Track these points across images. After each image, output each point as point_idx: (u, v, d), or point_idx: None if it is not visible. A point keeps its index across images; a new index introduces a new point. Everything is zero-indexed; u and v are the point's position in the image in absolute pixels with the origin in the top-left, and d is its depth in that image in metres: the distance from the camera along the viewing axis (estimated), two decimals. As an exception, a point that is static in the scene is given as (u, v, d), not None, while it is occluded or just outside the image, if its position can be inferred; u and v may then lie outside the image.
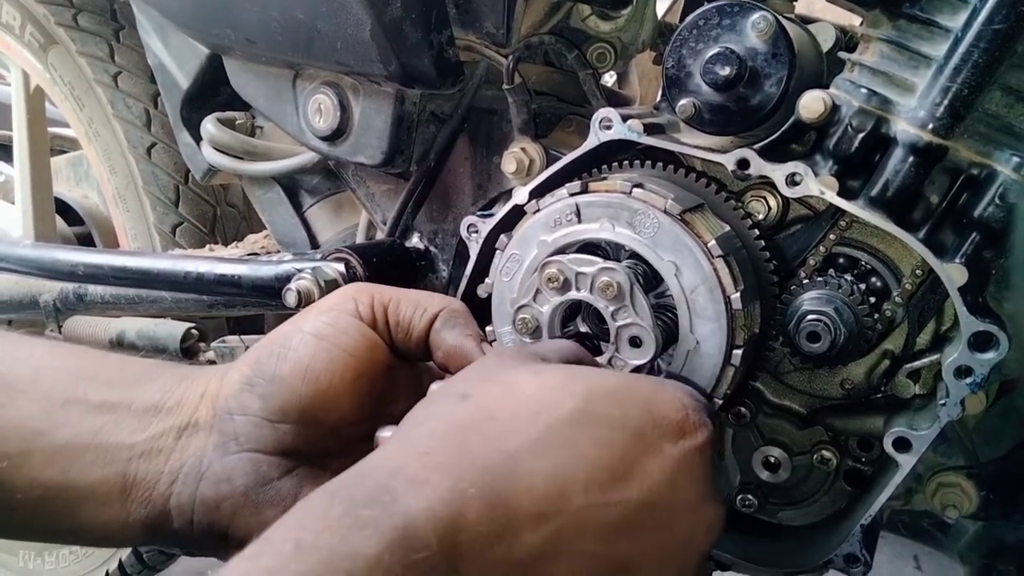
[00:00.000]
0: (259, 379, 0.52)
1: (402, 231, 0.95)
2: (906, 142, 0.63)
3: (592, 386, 0.48)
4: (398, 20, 0.76)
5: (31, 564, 1.59)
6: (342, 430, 0.54)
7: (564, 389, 0.47)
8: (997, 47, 0.59)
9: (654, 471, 0.46)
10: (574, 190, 0.69)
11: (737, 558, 0.74)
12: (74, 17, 1.38)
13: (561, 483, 0.43)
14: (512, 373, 0.49)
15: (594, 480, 0.44)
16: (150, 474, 0.50)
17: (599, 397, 0.47)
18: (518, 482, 0.42)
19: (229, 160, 1.05)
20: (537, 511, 0.42)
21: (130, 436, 0.50)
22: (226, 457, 0.50)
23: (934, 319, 0.70)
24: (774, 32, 0.64)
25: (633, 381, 0.51)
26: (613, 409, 0.47)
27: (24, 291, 1.23)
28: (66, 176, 1.68)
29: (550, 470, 0.43)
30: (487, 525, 0.41)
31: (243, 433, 0.51)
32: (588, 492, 0.43)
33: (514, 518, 0.42)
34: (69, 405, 0.50)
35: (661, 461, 0.46)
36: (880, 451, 0.69)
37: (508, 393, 0.48)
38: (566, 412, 0.46)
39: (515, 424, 0.45)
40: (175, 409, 0.52)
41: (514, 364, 0.51)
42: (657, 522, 0.46)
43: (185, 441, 0.51)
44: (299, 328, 0.53)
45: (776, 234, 0.73)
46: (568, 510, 0.43)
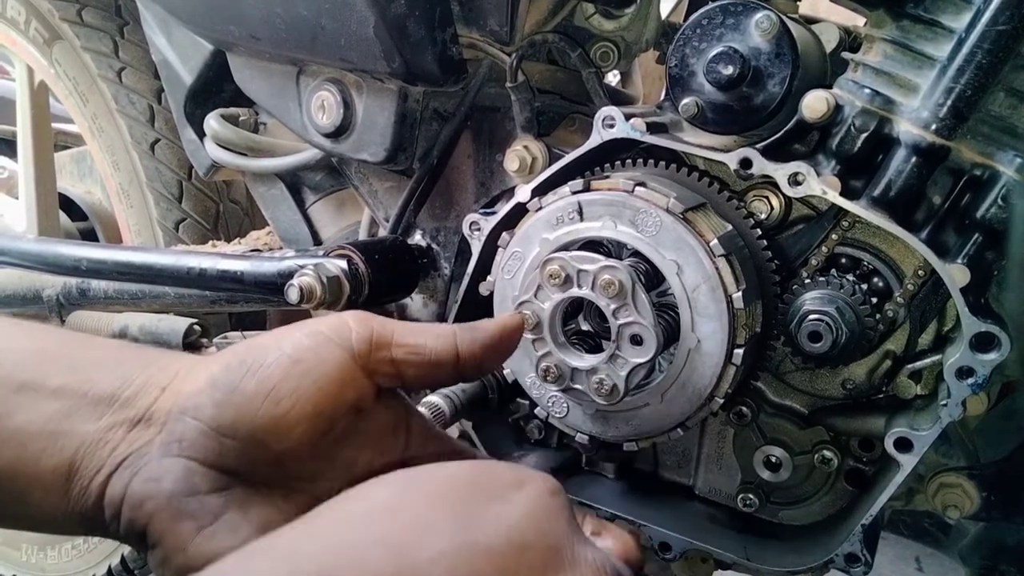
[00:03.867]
0: (221, 387, 0.50)
1: (404, 228, 0.95)
2: (909, 142, 0.63)
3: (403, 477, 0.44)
4: (402, 17, 0.76)
5: (33, 558, 1.60)
6: (287, 462, 0.51)
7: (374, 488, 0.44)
8: (1000, 48, 0.59)
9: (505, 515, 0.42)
10: (576, 188, 0.69)
11: (738, 557, 0.74)
12: (79, 13, 1.39)
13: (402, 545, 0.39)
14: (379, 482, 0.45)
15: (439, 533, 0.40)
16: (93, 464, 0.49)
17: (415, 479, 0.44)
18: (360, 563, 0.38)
19: (232, 156, 1.06)
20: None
21: (82, 425, 0.49)
22: (164, 458, 0.49)
23: (936, 320, 0.70)
24: (777, 32, 0.64)
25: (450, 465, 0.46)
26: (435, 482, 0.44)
27: (27, 285, 1.23)
28: (70, 171, 1.68)
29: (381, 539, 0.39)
30: None
31: (188, 438, 0.49)
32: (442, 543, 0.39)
33: None
34: (25, 390, 0.49)
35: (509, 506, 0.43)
36: (881, 451, 0.69)
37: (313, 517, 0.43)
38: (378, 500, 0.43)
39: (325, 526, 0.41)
40: (131, 400, 0.50)
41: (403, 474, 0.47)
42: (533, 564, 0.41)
43: (135, 435, 0.49)
44: (278, 346, 0.51)
45: (778, 234, 0.73)
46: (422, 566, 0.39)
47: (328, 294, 0.80)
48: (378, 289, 0.86)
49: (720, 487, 0.81)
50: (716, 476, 0.81)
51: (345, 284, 0.82)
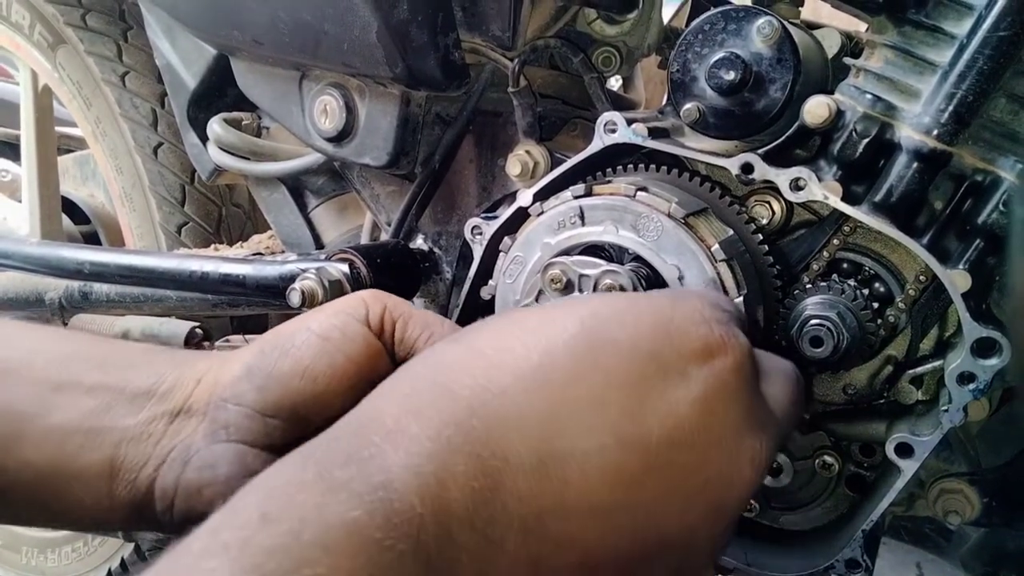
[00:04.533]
0: (258, 371, 0.51)
1: (406, 232, 0.95)
2: (910, 148, 0.63)
3: (595, 308, 0.41)
4: (405, 22, 0.76)
5: (34, 561, 1.60)
6: None
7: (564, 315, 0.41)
8: (1002, 54, 0.59)
9: (680, 400, 0.38)
10: (578, 193, 0.69)
11: (738, 562, 0.74)
12: (82, 17, 1.39)
13: (560, 424, 0.37)
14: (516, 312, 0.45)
15: (601, 420, 0.37)
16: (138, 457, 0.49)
17: (604, 319, 0.40)
18: (509, 425, 0.37)
19: (235, 160, 1.06)
20: (535, 459, 0.36)
21: (122, 420, 0.50)
22: (214, 445, 0.50)
23: (937, 325, 0.70)
24: (779, 37, 0.64)
25: (644, 298, 0.43)
26: (621, 331, 0.40)
27: (30, 288, 1.24)
28: (73, 175, 1.69)
29: (546, 409, 0.37)
30: (479, 479, 0.35)
31: (234, 423, 0.50)
32: (595, 433, 0.37)
33: (506, 470, 0.36)
34: (62, 388, 0.50)
35: (688, 387, 0.39)
36: (882, 456, 0.69)
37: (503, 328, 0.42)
38: (565, 339, 0.39)
39: (507, 357, 0.39)
40: (168, 394, 0.51)
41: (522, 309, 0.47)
42: (688, 464, 0.38)
43: (177, 426, 0.50)
44: (306, 326, 0.52)
45: (780, 239, 0.73)
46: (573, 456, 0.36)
47: (330, 298, 0.81)
48: (380, 293, 0.86)
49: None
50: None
51: (347, 288, 0.82)
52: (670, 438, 0.38)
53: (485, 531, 0.35)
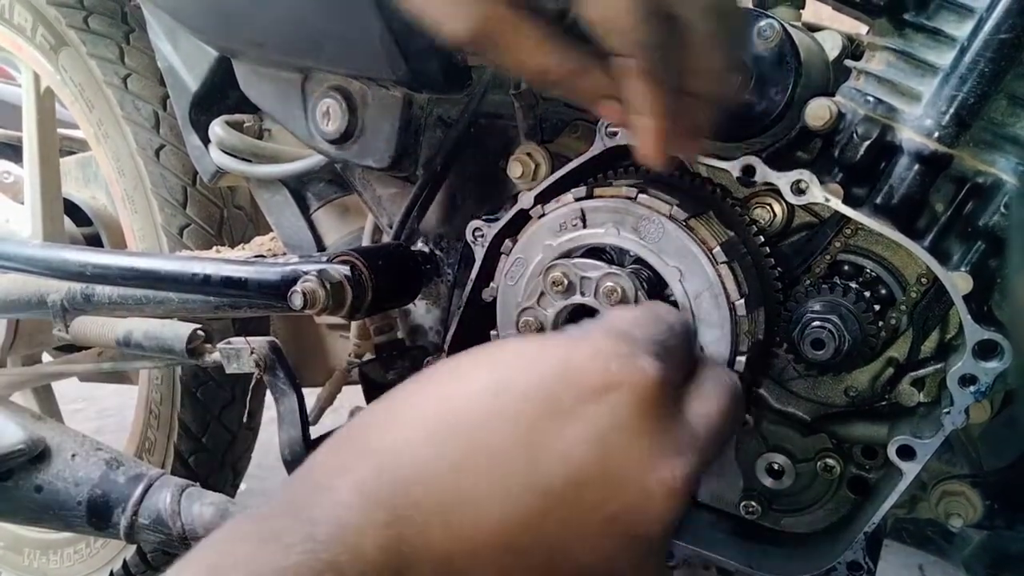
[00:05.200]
0: None
1: (408, 234, 0.95)
2: (912, 150, 0.63)
3: (501, 357, 0.43)
4: (407, 25, 0.76)
5: (36, 562, 1.60)
6: None
7: (473, 367, 0.43)
8: (1003, 56, 0.59)
9: (574, 441, 0.39)
10: (579, 195, 0.69)
11: (740, 565, 0.74)
12: (85, 19, 1.39)
13: (464, 472, 0.38)
14: (444, 363, 0.45)
15: (501, 466, 0.39)
16: None
17: (507, 367, 0.42)
18: (418, 476, 0.38)
19: (237, 163, 1.06)
20: (442, 507, 0.38)
21: None
22: None
23: (939, 327, 0.70)
24: (780, 40, 0.64)
25: (547, 343, 0.44)
26: (521, 377, 0.41)
27: (32, 291, 1.24)
28: (75, 177, 1.69)
29: (451, 458, 0.39)
30: (392, 528, 0.37)
31: None
32: (496, 481, 0.38)
33: (416, 518, 0.38)
34: None
35: (580, 427, 0.39)
36: (884, 459, 0.69)
37: (420, 384, 0.44)
38: (469, 391, 0.41)
39: (416, 412, 0.41)
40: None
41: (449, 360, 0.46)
42: (591, 501, 0.39)
43: None
44: None
45: (781, 241, 0.73)
46: (477, 507, 0.38)
47: (331, 300, 0.81)
48: (381, 295, 0.86)
49: (722, 494, 0.81)
50: (718, 483, 0.81)
51: (348, 290, 0.82)
52: (567, 478, 0.39)
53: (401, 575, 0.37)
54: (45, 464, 1.01)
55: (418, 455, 0.39)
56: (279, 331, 1.44)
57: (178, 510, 0.95)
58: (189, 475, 1.35)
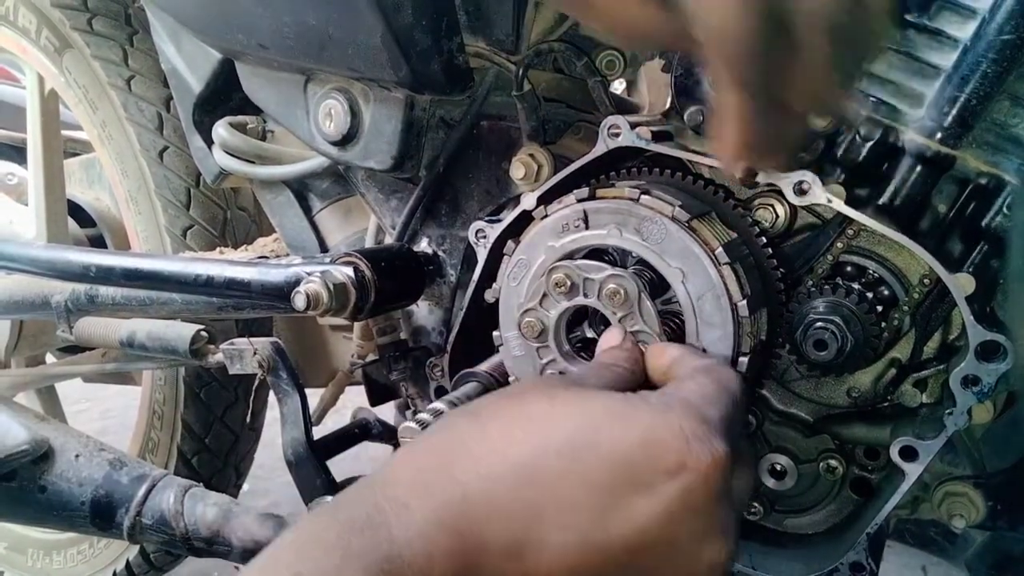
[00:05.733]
0: None
1: (411, 236, 0.95)
2: (914, 151, 0.63)
3: (592, 412, 0.45)
4: (409, 26, 0.77)
5: (39, 563, 1.60)
6: None
7: (565, 413, 0.45)
8: (1006, 58, 0.59)
9: (643, 512, 0.42)
10: (582, 196, 0.69)
11: (743, 565, 0.74)
12: (89, 22, 1.40)
13: (538, 517, 0.42)
14: (530, 393, 0.47)
15: (572, 519, 0.42)
16: None
17: (595, 425, 0.45)
18: (495, 511, 0.42)
19: (240, 164, 1.06)
20: (512, 545, 0.41)
21: None
22: None
23: (941, 328, 0.70)
24: (782, 41, 0.64)
25: (634, 410, 0.46)
26: (608, 440, 0.44)
27: (36, 292, 1.24)
28: (79, 178, 1.70)
29: (529, 501, 0.42)
30: (460, 557, 0.41)
31: None
32: (565, 531, 0.42)
33: (486, 552, 0.41)
34: None
35: (653, 500, 0.43)
36: (886, 460, 0.69)
37: (512, 411, 0.46)
38: (557, 439, 0.44)
39: (505, 447, 0.44)
40: None
41: (540, 384, 0.49)
42: (647, 567, 0.43)
43: None
44: None
45: (783, 242, 0.73)
46: (541, 550, 0.41)
47: (335, 301, 0.81)
48: (384, 296, 0.86)
49: (725, 495, 0.81)
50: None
51: (351, 291, 0.82)
52: (630, 543, 0.42)
53: None
54: (49, 464, 1.01)
55: (498, 494, 0.42)
56: (282, 332, 1.45)
57: (181, 510, 0.95)
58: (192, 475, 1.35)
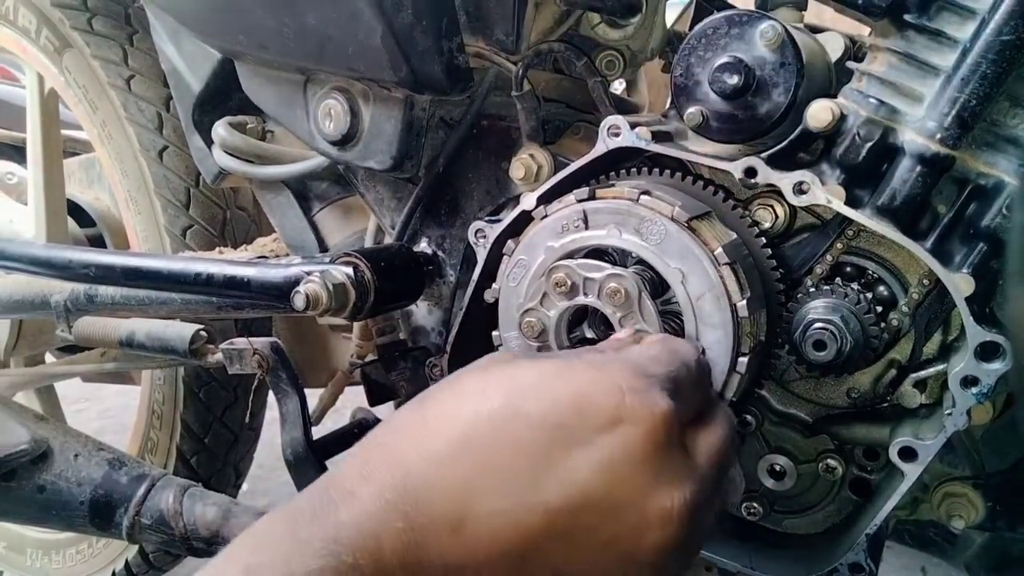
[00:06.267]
0: None
1: (410, 236, 0.95)
2: (914, 152, 0.63)
3: (519, 380, 0.46)
4: (409, 27, 0.77)
5: (38, 563, 1.60)
6: None
7: (493, 387, 0.46)
8: (1005, 59, 0.59)
9: (580, 470, 0.43)
10: (582, 196, 0.69)
11: (742, 566, 0.74)
12: (89, 21, 1.40)
13: (476, 488, 0.42)
14: (467, 373, 0.48)
15: (509, 483, 0.42)
16: None
17: (524, 391, 0.45)
18: (435, 488, 0.43)
19: (240, 164, 1.06)
20: (454, 519, 0.42)
21: None
22: None
23: (941, 329, 0.70)
24: (782, 42, 0.64)
25: (567, 370, 0.47)
26: (536, 404, 0.44)
27: (36, 291, 1.24)
28: (79, 178, 1.69)
29: (466, 474, 0.43)
30: (407, 535, 0.42)
31: None
32: (502, 499, 0.42)
33: (430, 527, 0.42)
34: None
35: (590, 457, 0.43)
36: (886, 460, 0.69)
37: (449, 394, 0.47)
38: (488, 410, 0.45)
39: (440, 426, 0.45)
40: None
41: (481, 363, 0.50)
42: (591, 523, 0.43)
43: None
44: None
45: (783, 242, 0.73)
46: (480, 520, 0.42)
47: (334, 301, 0.81)
48: (384, 296, 0.86)
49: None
50: (720, 484, 0.81)
51: (351, 291, 0.82)
52: (570, 502, 0.42)
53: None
54: (48, 464, 1.01)
55: (435, 470, 0.43)
56: (281, 332, 1.45)
57: (180, 510, 0.95)
58: (191, 475, 1.35)
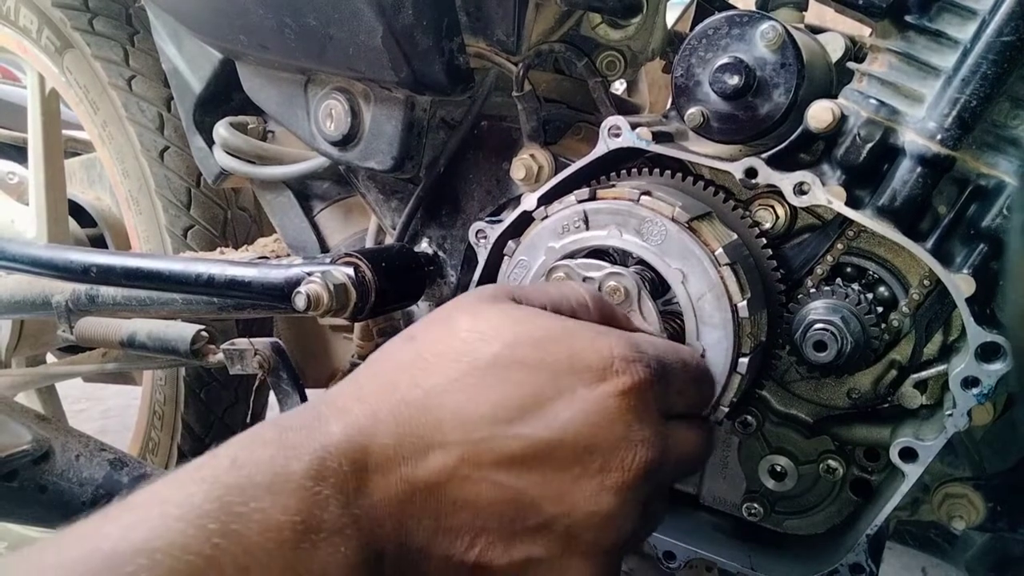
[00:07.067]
0: None
1: (411, 236, 0.95)
2: (914, 153, 0.63)
3: (519, 333, 0.51)
4: (410, 27, 0.77)
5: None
6: None
7: (492, 334, 0.50)
8: (1006, 59, 0.59)
9: (562, 411, 0.48)
10: (582, 197, 0.69)
11: (742, 567, 0.74)
12: (90, 21, 1.40)
13: (466, 416, 0.47)
14: (456, 314, 0.53)
15: (499, 415, 0.48)
16: None
17: (523, 343, 0.50)
18: (428, 414, 0.47)
19: (241, 164, 1.06)
20: (442, 439, 0.47)
21: None
22: None
23: (941, 329, 0.70)
24: (783, 42, 0.64)
25: (566, 331, 0.52)
26: (533, 354, 0.50)
27: (37, 292, 1.24)
28: (80, 178, 1.70)
29: (457, 404, 0.48)
30: (394, 449, 0.46)
31: None
32: (492, 425, 0.47)
33: (420, 444, 0.47)
34: None
35: (571, 402, 0.48)
36: (887, 461, 0.69)
37: (443, 334, 0.52)
38: (486, 356, 0.49)
39: (439, 364, 0.50)
40: None
41: (469, 305, 0.54)
42: (564, 460, 0.48)
43: None
44: None
45: (783, 243, 0.73)
46: (471, 440, 0.47)
47: (335, 301, 0.81)
48: (385, 297, 0.86)
49: (725, 496, 0.81)
50: (721, 485, 0.81)
51: (352, 291, 0.82)
52: (549, 437, 0.48)
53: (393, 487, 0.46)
54: (49, 464, 1.01)
55: (436, 398, 0.48)
56: (282, 332, 1.45)
57: (181, 511, 0.95)
58: (192, 476, 1.35)
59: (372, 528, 0.44)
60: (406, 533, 0.46)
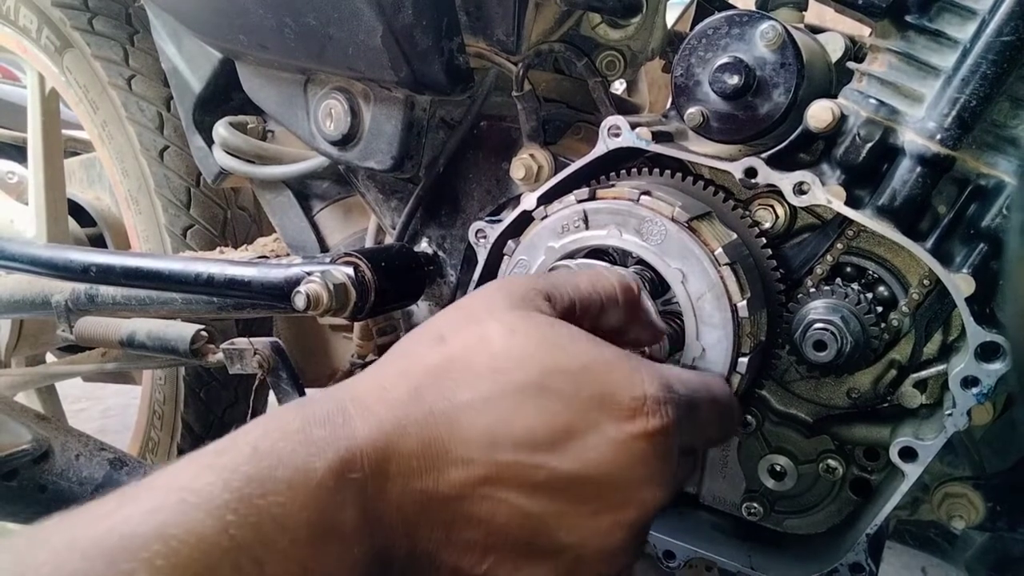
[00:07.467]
0: None
1: (411, 236, 0.95)
2: (914, 152, 0.63)
3: (558, 361, 0.50)
4: (409, 27, 0.77)
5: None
6: None
7: (528, 358, 0.50)
8: (1006, 59, 0.59)
9: (590, 446, 0.48)
10: (582, 197, 0.69)
11: (742, 566, 0.74)
12: (89, 21, 1.40)
13: (495, 438, 0.47)
14: (491, 323, 0.51)
15: (528, 442, 0.47)
16: None
17: (559, 372, 0.49)
18: (456, 430, 0.47)
19: (240, 164, 1.06)
20: (467, 455, 0.47)
21: None
22: None
23: (941, 329, 0.70)
24: (782, 42, 0.64)
25: (604, 364, 0.51)
26: (567, 386, 0.49)
27: (37, 291, 1.24)
28: (79, 178, 1.70)
29: (487, 425, 0.47)
30: (417, 460, 0.46)
31: None
32: (517, 450, 0.47)
33: (443, 458, 0.46)
34: None
35: (600, 439, 0.48)
36: (886, 460, 0.69)
37: (477, 345, 0.50)
38: (520, 380, 0.49)
39: (470, 379, 0.49)
40: None
41: (501, 310, 0.52)
42: (584, 494, 0.48)
43: None
44: None
45: (783, 243, 0.73)
46: (497, 461, 0.47)
47: (335, 301, 0.81)
48: (384, 296, 0.86)
49: (725, 496, 0.81)
50: (721, 485, 0.81)
51: (351, 291, 0.82)
52: (575, 470, 0.48)
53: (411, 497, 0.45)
54: (49, 464, 1.01)
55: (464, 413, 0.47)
56: (282, 332, 1.45)
57: (181, 510, 0.95)
58: (192, 475, 1.35)
59: (385, 532, 0.45)
60: (417, 541, 0.46)
